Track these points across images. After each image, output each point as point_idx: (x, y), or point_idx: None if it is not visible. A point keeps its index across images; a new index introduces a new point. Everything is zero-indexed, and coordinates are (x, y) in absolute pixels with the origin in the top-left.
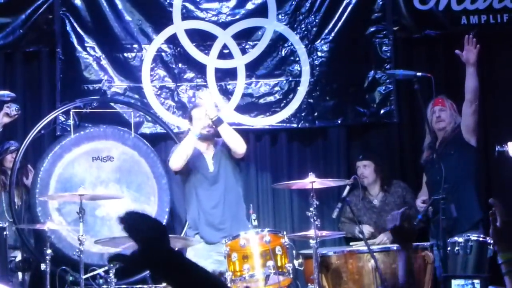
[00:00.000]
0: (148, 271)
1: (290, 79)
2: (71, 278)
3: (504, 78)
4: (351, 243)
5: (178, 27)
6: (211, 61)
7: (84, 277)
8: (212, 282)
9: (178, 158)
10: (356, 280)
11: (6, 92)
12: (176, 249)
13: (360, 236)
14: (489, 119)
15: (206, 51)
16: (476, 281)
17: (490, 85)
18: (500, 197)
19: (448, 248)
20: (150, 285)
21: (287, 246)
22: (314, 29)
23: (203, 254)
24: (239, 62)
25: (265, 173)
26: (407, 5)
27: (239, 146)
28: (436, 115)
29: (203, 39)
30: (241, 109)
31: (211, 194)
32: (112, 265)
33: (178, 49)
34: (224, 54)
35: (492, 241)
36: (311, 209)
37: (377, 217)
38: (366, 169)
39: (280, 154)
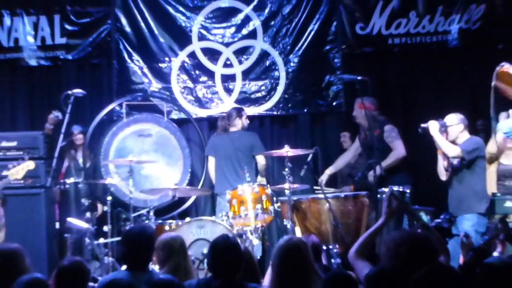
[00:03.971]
0: (176, 211)
1: (272, 81)
2: (124, 216)
3: (422, 88)
4: (315, 188)
5: (196, 45)
6: (218, 69)
7: (133, 215)
8: None
9: None
10: (317, 217)
11: (79, 90)
12: (195, 197)
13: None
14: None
15: (215, 62)
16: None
17: (413, 94)
18: None
19: (378, 196)
20: (178, 221)
21: (270, 194)
22: (288, 47)
23: None
24: (237, 69)
25: None
26: (351, 31)
27: None
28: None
29: (213, 54)
30: (239, 102)
31: None
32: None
33: (196, 61)
34: (227, 64)
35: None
36: (286, 169)
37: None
38: (345, 137)
39: (266, 132)
